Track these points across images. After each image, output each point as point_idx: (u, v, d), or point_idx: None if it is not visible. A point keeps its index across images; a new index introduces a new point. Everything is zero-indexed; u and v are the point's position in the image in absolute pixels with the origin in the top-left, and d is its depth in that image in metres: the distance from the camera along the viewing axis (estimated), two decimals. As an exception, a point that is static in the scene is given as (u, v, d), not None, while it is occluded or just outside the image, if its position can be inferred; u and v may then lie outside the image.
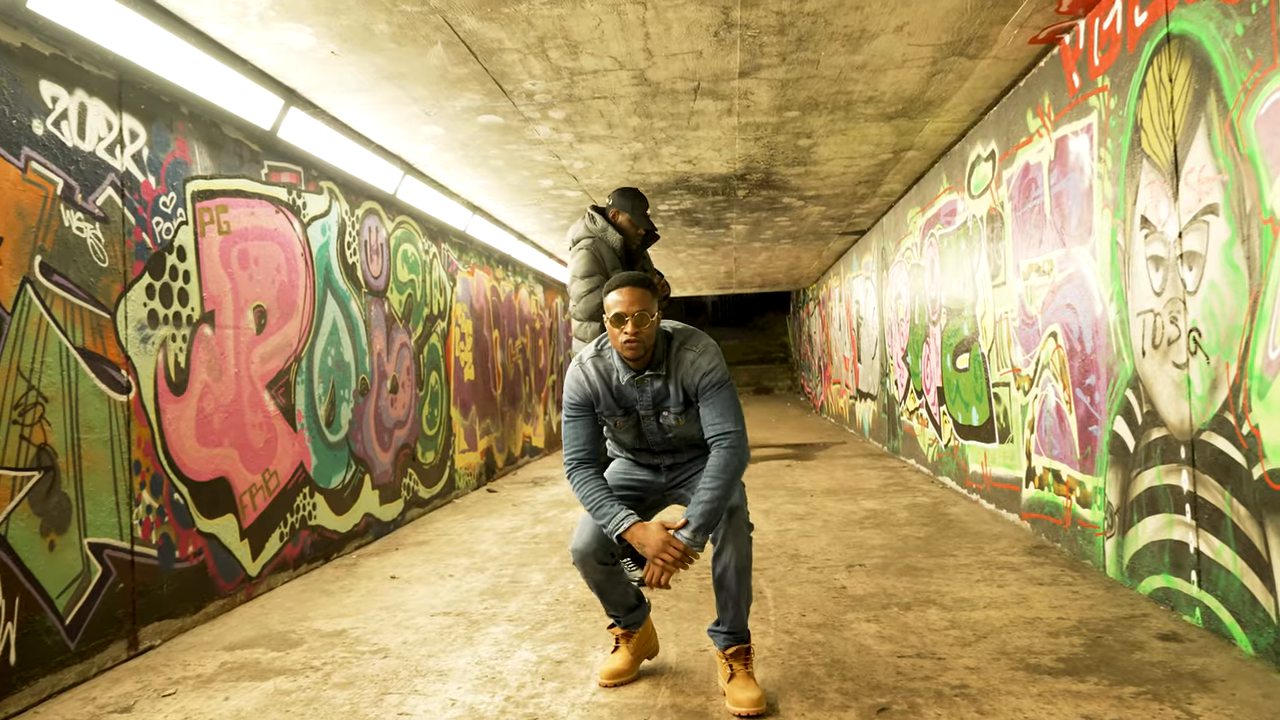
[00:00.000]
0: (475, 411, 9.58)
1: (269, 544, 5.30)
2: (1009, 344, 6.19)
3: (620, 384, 3.38)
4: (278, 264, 5.51)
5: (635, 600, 3.63)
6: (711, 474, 3.20)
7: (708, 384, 3.30)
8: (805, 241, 12.54)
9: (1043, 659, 3.63)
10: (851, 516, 6.82)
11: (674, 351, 3.36)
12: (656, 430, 3.44)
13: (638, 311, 3.25)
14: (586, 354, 3.44)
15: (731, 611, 3.35)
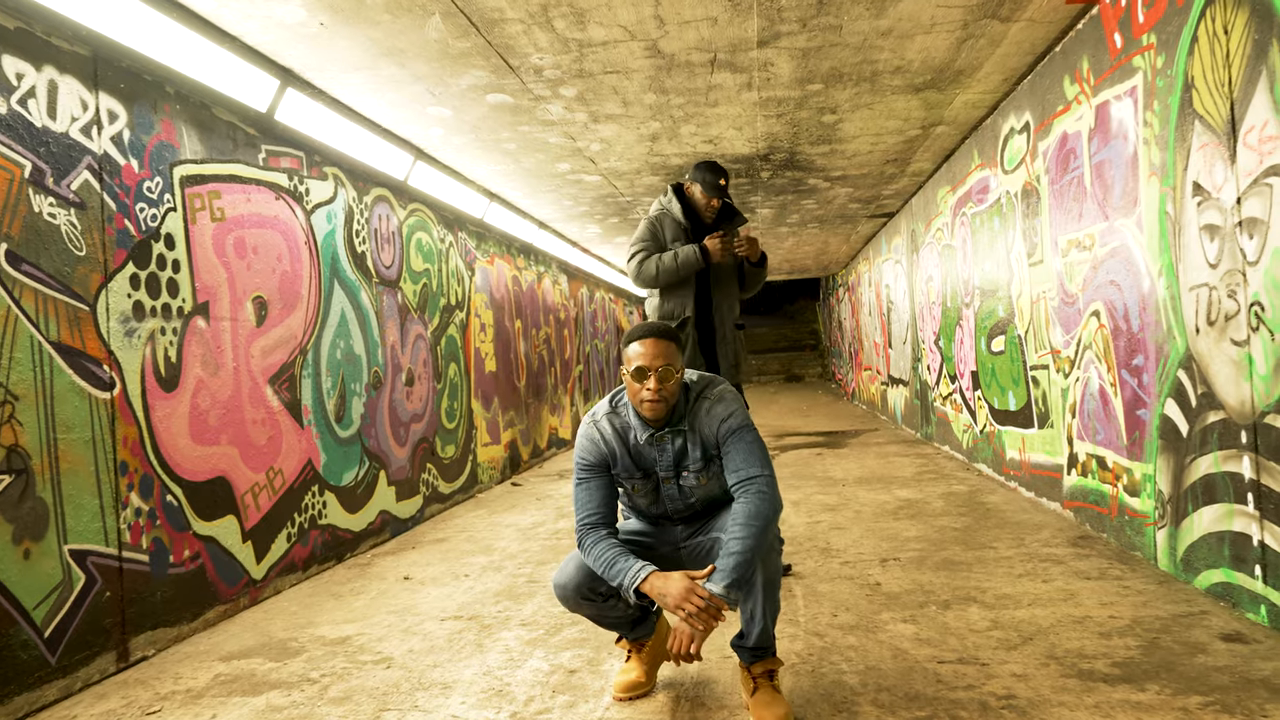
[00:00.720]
0: (498, 404, 9.33)
1: (275, 545, 5.05)
2: (1047, 325, 5.82)
3: (639, 443, 3.07)
4: (278, 253, 5.25)
5: (638, 613, 3.31)
6: (741, 521, 2.84)
7: (727, 430, 2.99)
8: (833, 225, 12.19)
9: (1096, 664, 3.28)
10: (885, 507, 6.51)
11: (691, 403, 3.06)
12: (677, 495, 3.13)
13: (661, 366, 2.95)
14: (601, 410, 3.14)
15: (758, 626, 3.03)
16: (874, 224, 12.47)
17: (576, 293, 13.83)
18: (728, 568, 2.78)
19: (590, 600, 3.08)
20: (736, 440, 2.97)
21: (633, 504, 3.25)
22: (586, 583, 3.05)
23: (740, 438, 2.97)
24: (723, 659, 3.59)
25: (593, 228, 11.20)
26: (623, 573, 2.87)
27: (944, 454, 9.22)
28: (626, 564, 2.88)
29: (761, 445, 2.99)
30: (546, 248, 11.33)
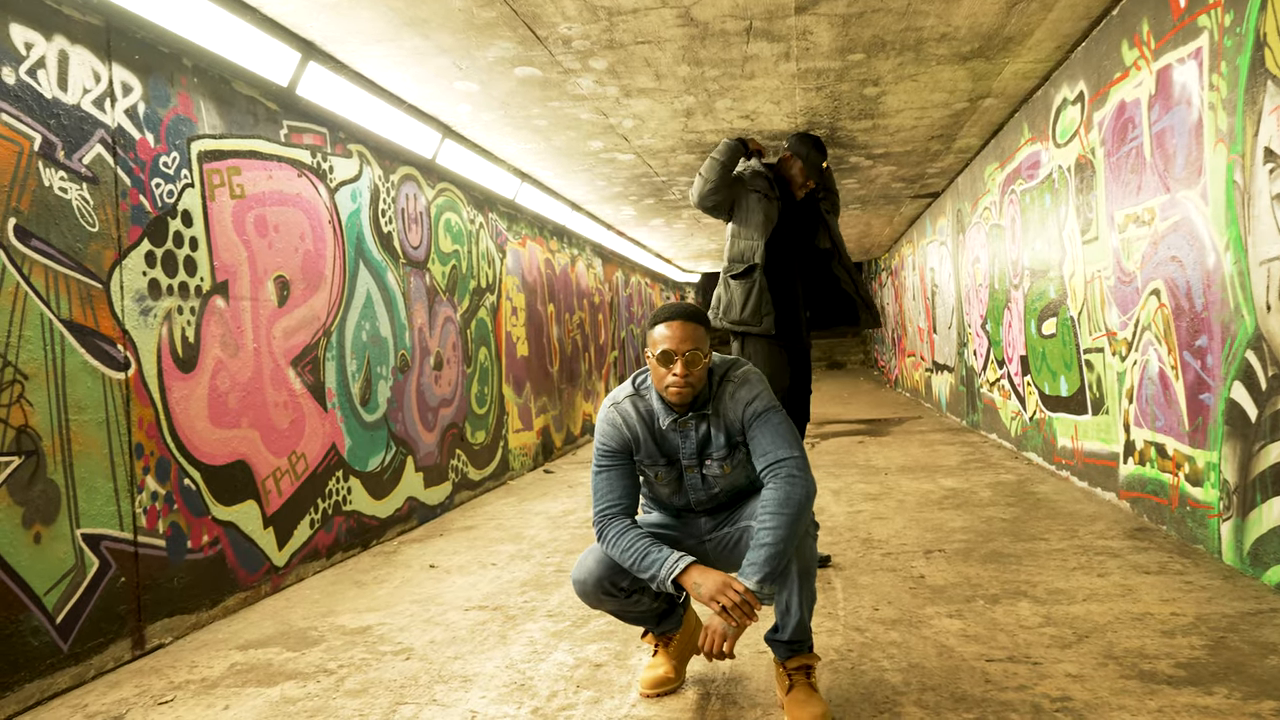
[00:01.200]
0: (530, 389, 9.25)
1: (298, 532, 4.98)
2: (1102, 305, 5.61)
3: (662, 428, 2.93)
4: (301, 231, 5.16)
5: (666, 605, 3.18)
6: (771, 509, 2.70)
7: (753, 413, 2.85)
8: (875, 206, 11.97)
9: (1158, 664, 3.11)
10: (929, 496, 6.35)
11: (715, 387, 2.92)
12: (700, 485, 2.99)
13: (689, 351, 2.81)
14: (622, 393, 3.00)
15: (794, 618, 2.88)
16: (918, 204, 12.22)
17: (611, 277, 13.72)
18: (759, 561, 2.65)
19: (612, 596, 2.96)
20: (763, 423, 2.84)
21: (654, 494, 3.12)
22: (608, 577, 2.92)
23: (766, 420, 2.84)
24: (756, 654, 3.46)
25: (627, 209, 11.07)
26: (657, 564, 2.74)
27: (991, 442, 9.02)
28: (661, 554, 2.75)
29: (790, 426, 2.85)
30: (580, 230, 11.22)
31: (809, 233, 4.76)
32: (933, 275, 12.55)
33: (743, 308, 4.54)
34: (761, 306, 4.52)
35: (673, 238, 14.14)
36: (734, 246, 4.61)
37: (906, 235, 15.15)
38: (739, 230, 4.62)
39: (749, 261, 4.56)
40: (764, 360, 4.56)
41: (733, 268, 4.61)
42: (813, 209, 4.79)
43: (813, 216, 4.79)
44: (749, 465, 3.00)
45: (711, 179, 4.54)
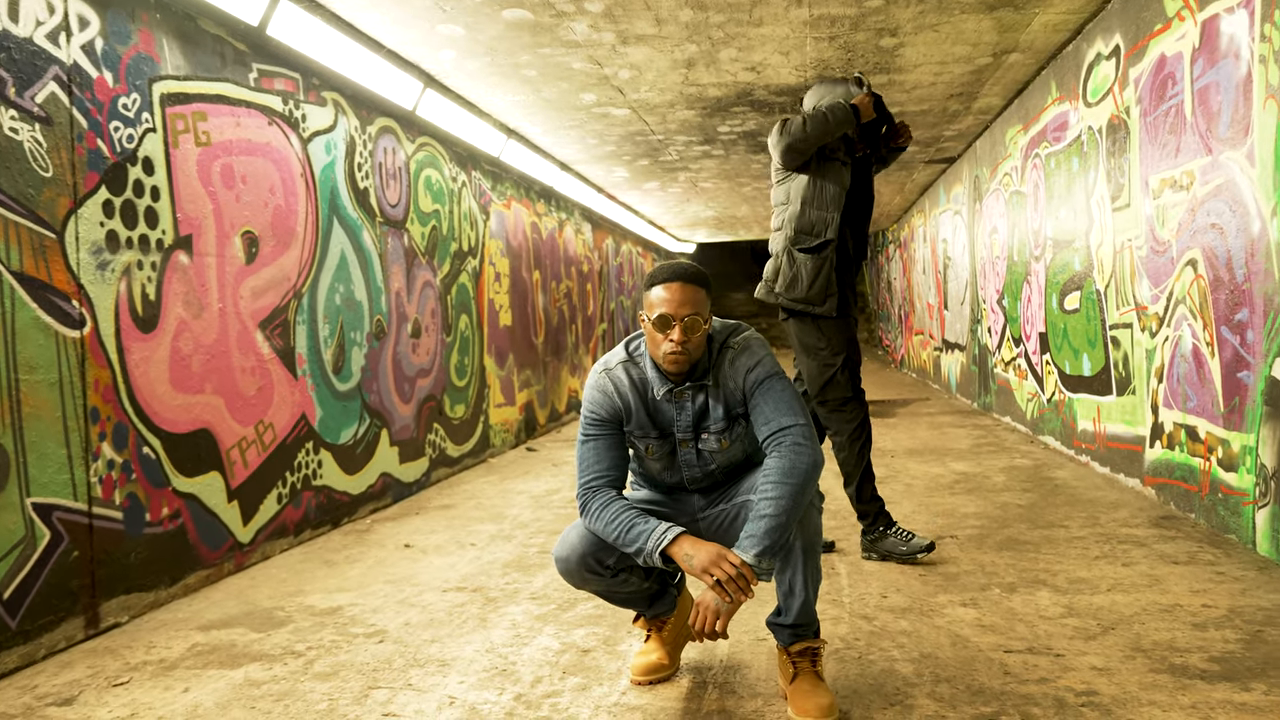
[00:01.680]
0: (513, 361, 9.22)
1: (264, 506, 4.95)
2: (1132, 277, 5.59)
3: (655, 398, 2.90)
4: (271, 184, 5.10)
5: (657, 585, 3.16)
6: (774, 479, 2.67)
7: (754, 381, 2.82)
8: (887, 172, 11.90)
9: (1190, 658, 3.10)
10: (939, 480, 6.35)
11: (715, 355, 2.88)
12: (694, 461, 2.96)
13: (688, 315, 2.75)
14: (615, 358, 2.95)
15: (798, 599, 2.86)
16: (932, 170, 12.18)
17: (601, 244, 13.67)
18: (758, 533, 2.62)
19: (598, 574, 2.92)
20: (765, 390, 2.80)
21: (644, 470, 3.10)
22: (592, 553, 2.88)
23: (769, 387, 2.81)
24: (756, 641, 3.45)
25: (619, 171, 11.00)
26: (644, 535, 2.71)
27: (1004, 425, 9.03)
28: (648, 525, 2.72)
29: (795, 394, 2.82)
30: (569, 192, 11.16)
31: (867, 201, 4.64)
32: (945, 247, 12.53)
33: (810, 285, 4.42)
34: (829, 286, 4.42)
35: (667, 203, 14.07)
36: (804, 216, 4.43)
37: (918, 204, 15.11)
38: (812, 198, 4.43)
39: (821, 236, 4.42)
40: (839, 340, 4.46)
41: (801, 240, 4.44)
42: (866, 172, 4.69)
43: (867, 182, 4.68)
44: (748, 440, 2.97)
45: (814, 140, 4.35)
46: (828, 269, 4.42)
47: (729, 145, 9.73)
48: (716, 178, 11.83)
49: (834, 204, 4.42)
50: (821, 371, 4.49)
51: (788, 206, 4.51)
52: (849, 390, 4.48)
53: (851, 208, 4.55)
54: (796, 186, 4.49)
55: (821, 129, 4.34)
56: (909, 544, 4.38)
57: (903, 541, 4.40)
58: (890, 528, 4.47)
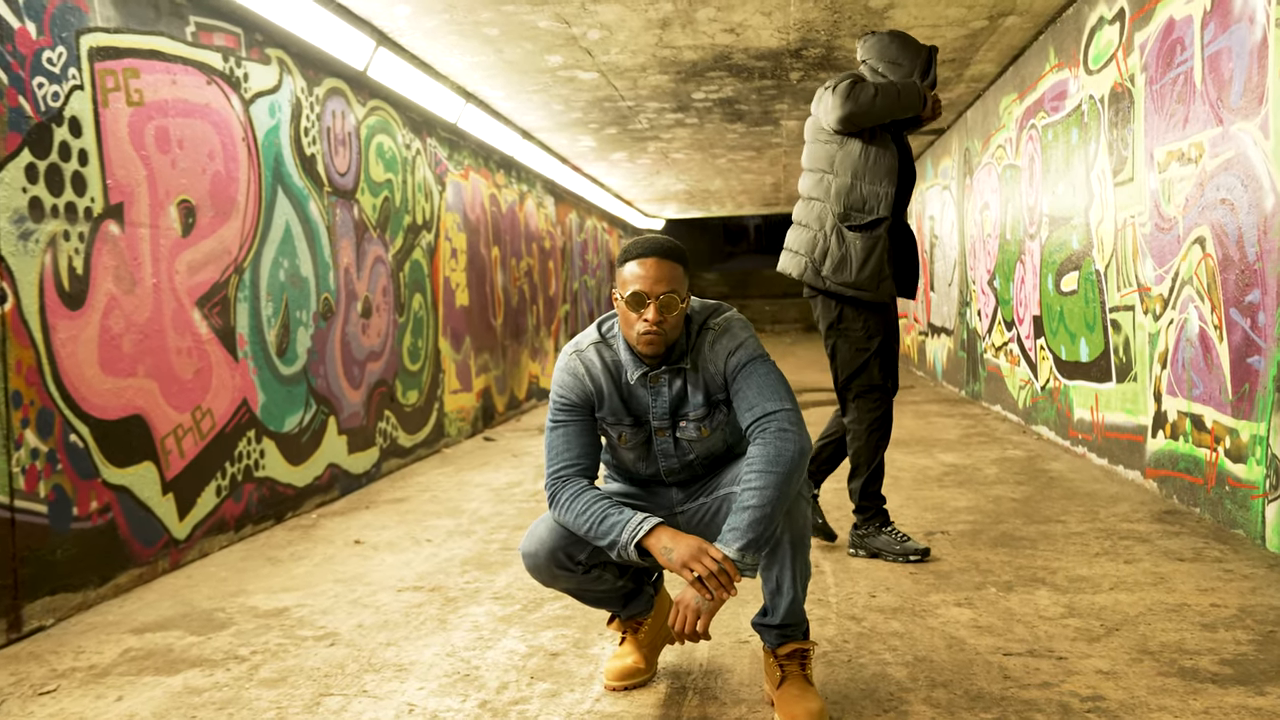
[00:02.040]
0: (470, 344, 9.17)
1: (202, 500, 4.89)
2: (1135, 256, 5.62)
3: (629, 383, 2.88)
4: (210, 149, 5.02)
5: (633, 584, 3.14)
6: (758, 468, 2.65)
7: (736, 364, 2.80)
8: (870, 144, 11.93)
9: (1200, 661, 3.12)
10: (927, 473, 6.38)
11: (694, 337, 2.86)
12: (672, 450, 2.94)
13: (664, 293, 2.72)
14: (587, 339, 2.93)
15: (786, 597, 2.85)
16: (918, 143, 12.22)
17: (564, 219, 13.62)
18: (742, 525, 2.60)
19: (569, 571, 2.90)
20: (748, 374, 2.79)
21: (617, 460, 3.08)
22: (563, 547, 2.86)
23: (753, 370, 2.79)
24: (739, 643, 3.44)
25: (585, 140, 10.95)
26: (618, 527, 2.68)
27: (994, 414, 9.10)
28: (622, 516, 2.70)
29: (780, 377, 2.81)
30: (531, 163, 11.11)
31: (911, 178, 4.54)
32: (932, 225, 12.58)
33: (861, 267, 4.32)
34: (882, 269, 4.33)
35: (635, 175, 14.03)
36: (854, 191, 4.34)
37: (903, 179, 15.16)
38: (864, 171, 4.32)
39: (874, 213, 4.33)
40: (875, 324, 4.40)
41: (852, 217, 4.34)
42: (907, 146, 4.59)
43: (910, 156, 4.58)
44: (729, 428, 2.96)
45: (879, 116, 4.26)
46: (880, 250, 4.32)
47: (703, 113, 9.69)
48: (689, 148, 11.80)
49: (888, 178, 4.32)
50: (854, 356, 4.43)
51: (833, 178, 4.39)
52: (877, 379, 4.44)
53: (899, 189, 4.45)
54: (846, 156, 4.37)
55: (889, 107, 4.25)
56: (903, 545, 4.38)
57: (897, 542, 4.40)
58: (886, 526, 4.47)
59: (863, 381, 4.45)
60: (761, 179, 14.89)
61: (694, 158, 12.53)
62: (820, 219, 4.43)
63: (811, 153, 4.50)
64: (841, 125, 4.29)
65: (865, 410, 4.47)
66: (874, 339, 4.41)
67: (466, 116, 8.60)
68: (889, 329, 4.48)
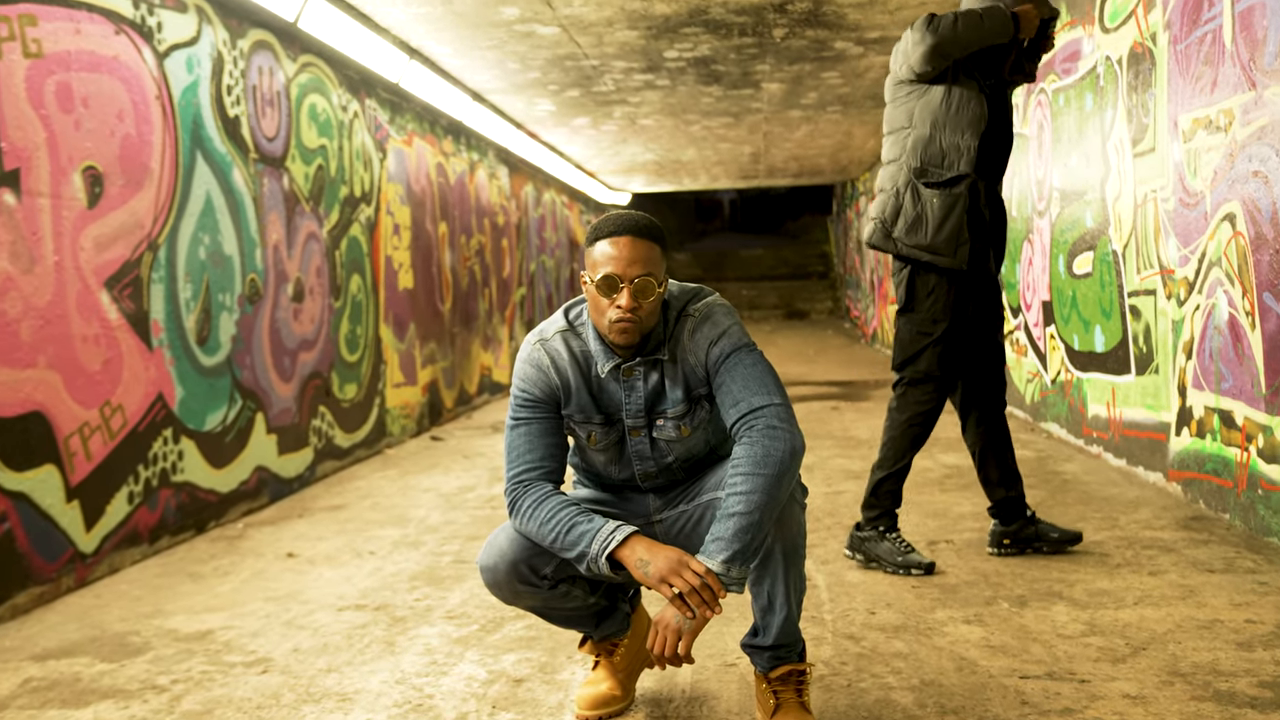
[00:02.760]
0: (415, 332, 9.14)
1: (112, 508, 4.84)
2: (1156, 235, 5.66)
3: (600, 376, 2.87)
4: (119, 108, 4.96)
5: (606, 600, 3.11)
6: (744, 469, 2.63)
7: (719, 354, 2.80)
8: (861, 109, 11.99)
9: (1237, 683, 3.14)
10: (927, 475, 6.41)
11: (671, 325, 2.85)
12: (648, 452, 2.93)
13: (639, 276, 2.71)
14: (552, 327, 2.92)
15: (779, 615, 2.83)
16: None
17: (519, 191, 13.59)
18: (727, 534, 2.59)
19: (533, 586, 2.87)
20: (732, 365, 2.78)
21: (586, 463, 3.07)
22: (526, 560, 2.83)
23: (738, 360, 2.79)
24: (725, 667, 3.43)
25: (543, 104, 10.91)
26: (588, 536, 2.66)
27: (999, 411, 9.13)
28: (591, 525, 2.68)
29: (768, 368, 2.80)
30: (482, 129, 11.08)
31: (1007, 142, 4.47)
32: (929, 200, 12.65)
33: (938, 229, 4.28)
34: (960, 231, 4.28)
35: (599, 144, 14.01)
36: (933, 143, 4.30)
37: (895, 150, 15.23)
38: (944, 121, 4.28)
39: (954, 168, 4.29)
40: (943, 305, 4.35)
41: (930, 173, 4.31)
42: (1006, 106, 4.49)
43: (1007, 118, 4.49)
44: (711, 427, 2.96)
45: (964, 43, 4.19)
46: (960, 210, 4.28)
47: (676, 75, 9.67)
48: (659, 113, 11.79)
49: (972, 129, 4.28)
50: (912, 339, 4.41)
51: (910, 131, 4.36)
52: (934, 368, 4.39)
53: (989, 147, 4.38)
54: (925, 105, 4.33)
55: (975, 33, 4.19)
56: (905, 556, 4.38)
57: (899, 552, 4.39)
58: (890, 532, 4.46)
59: (918, 368, 4.42)
60: (739, 149, 14.90)
61: (665, 124, 12.51)
62: (894, 177, 4.43)
63: (890, 115, 4.51)
64: (929, 62, 4.24)
65: (912, 401, 4.46)
66: (939, 323, 4.36)
67: (410, 75, 8.54)
68: (969, 311, 4.40)
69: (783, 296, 27.15)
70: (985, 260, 4.43)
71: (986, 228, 4.41)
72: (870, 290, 18.57)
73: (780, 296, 27.16)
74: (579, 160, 15.62)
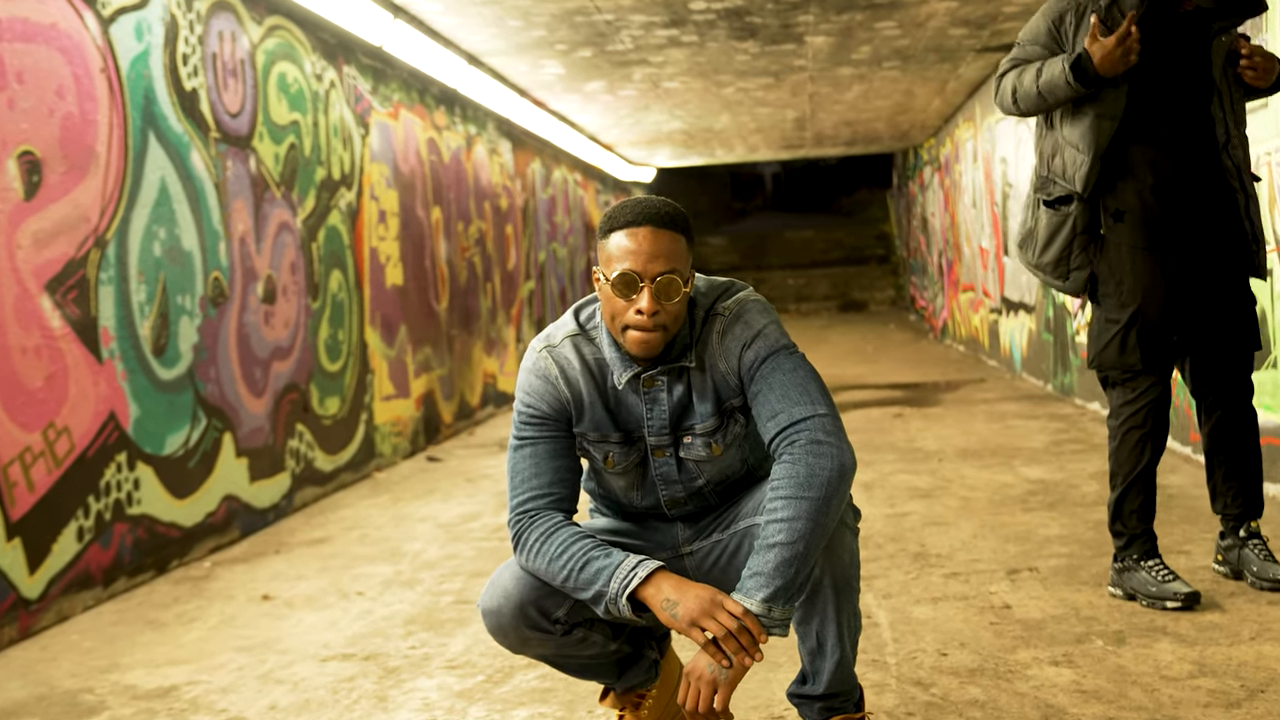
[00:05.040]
0: (406, 335, 9.24)
1: (59, 547, 4.92)
2: (1272, 205, 5.66)
3: (617, 388, 2.88)
4: (58, 84, 5.04)
5: (630, 646, 3.12)
6: (785, 493, 2.64)
7: (754, 358, 2.80)
8: (922, 64, 12.00)
9: (1375, 732, 3.14)
10: (1008, 491, 6.45)
11: (699, 326, 2.86)
12: (675, 475, 2.95)
13: (662, 274, 2.71)
14: (561, 331, 2.93)
15: (830, 659, 2.85)
16: (985, 62, 12.25)
17: (525, 169, 13.66)
18: (767, 569, 2.60)
19: (543, 632, 2.89)
20: (770, 370, 2.79)
21: (603, 488, 3.10)
22: (534, 601, 2.84)
23: (775, 365, 2.79)
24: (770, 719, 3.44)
25: (551, 66, 10.97)
26: (605, 573, 2.68)
27: (1091, 414, 9.16)
28: (610, 560, 2.69)
29: (811, 373, 2.81)
30: (480, 97, 11.16)
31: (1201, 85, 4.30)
32: (1004, 169, 12.63)
33: (1043, 249, 4.39)
34: (1068, 257, 4.35)
35: (617, 112, 14.07)
36: (1058, 158, 4.37)
37: (965, 110, 15.23)
38: (1064, 132, 4.34)
39: (1070, 186, 4.31)
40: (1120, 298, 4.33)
41: (1047, 188, 4.40)
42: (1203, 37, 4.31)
43: (1204, 54, 4.31)
44: (748, 444, 2.97)
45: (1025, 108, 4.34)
46: (1066, 234, 4.33)
47: (704, 29, 9.70)
48: (686, 75, 11.83)
49: (1087, 142, 4.26)
50: (1101, 329, 4.40)
51: (1046, 132, 4.45)
52: (1134, 360, 4.33)
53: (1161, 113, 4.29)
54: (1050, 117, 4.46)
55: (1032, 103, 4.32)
56: (1161, 586, 4.32)
57: (1155, 581, 4.34)
58: (1148, 559, 4.41)
59: (1113, 362, 4.39)
60: (780, 114, 14.94)
61: (693, 87, 12.55)
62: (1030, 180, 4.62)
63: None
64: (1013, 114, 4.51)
65: (1120, 402, 4.44)
66: (1127, 308, 4.30)
67: (395, 37, 8.59)
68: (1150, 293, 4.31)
69: (836, 285, 27.15)
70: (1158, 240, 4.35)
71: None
72: (939, 276, 18.55)
73: (833, 285, 27.16)
74: (594, 131, 15.67)
